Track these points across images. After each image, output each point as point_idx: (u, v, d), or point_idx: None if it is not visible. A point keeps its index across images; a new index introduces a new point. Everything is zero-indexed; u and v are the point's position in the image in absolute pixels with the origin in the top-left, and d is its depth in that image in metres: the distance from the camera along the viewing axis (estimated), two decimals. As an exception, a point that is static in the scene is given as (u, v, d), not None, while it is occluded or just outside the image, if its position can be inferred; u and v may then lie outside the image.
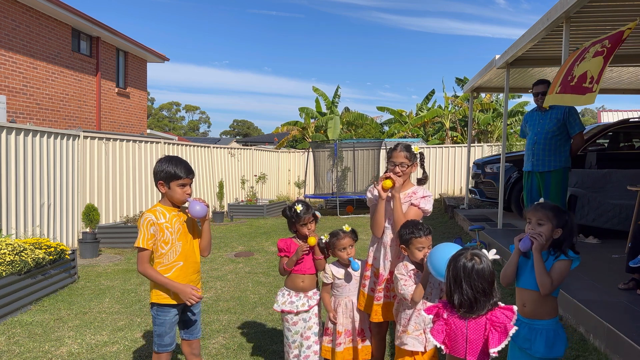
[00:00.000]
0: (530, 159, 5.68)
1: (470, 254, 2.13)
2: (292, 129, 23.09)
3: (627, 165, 7.42)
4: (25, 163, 7.17)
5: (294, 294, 3.26)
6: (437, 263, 2.60)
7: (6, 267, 4.85)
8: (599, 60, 4.05)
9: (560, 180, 5.49)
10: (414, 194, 3.12)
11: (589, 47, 4.35)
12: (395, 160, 3.10)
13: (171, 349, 2.92)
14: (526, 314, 2.48)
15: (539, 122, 5.65)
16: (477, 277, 2.08)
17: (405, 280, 2.86)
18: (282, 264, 3.27)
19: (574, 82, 4.30)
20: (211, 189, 12.88)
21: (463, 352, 2.12)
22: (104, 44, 15.57)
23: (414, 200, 3.09)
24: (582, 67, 4.26)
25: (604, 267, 5.08)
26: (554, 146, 5.50)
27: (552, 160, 5.49)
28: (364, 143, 15.11)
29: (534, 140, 5.63)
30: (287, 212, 3.27)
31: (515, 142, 16.91)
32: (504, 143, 8.32)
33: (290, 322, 3.23)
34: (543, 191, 5.55)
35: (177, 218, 2.86)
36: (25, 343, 4.12)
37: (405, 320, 2.90)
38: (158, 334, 2.88)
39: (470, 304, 2.08)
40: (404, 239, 2.89)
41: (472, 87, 10.78)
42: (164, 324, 2.86)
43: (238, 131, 72.84)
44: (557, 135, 5.50)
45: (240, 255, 7.70)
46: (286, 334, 3.28)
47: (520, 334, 2.42)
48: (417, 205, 3.08)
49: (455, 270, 2.12)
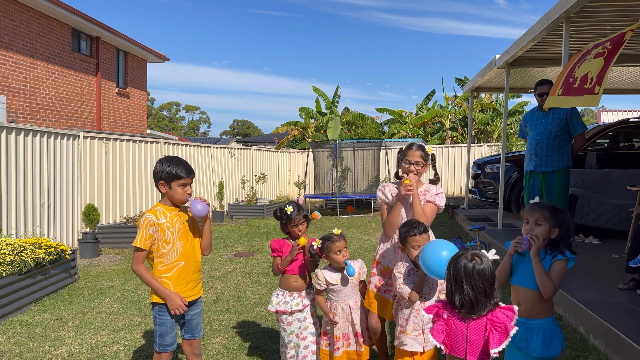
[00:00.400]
0: (533, 159, 5.65)
1: (471, 255, 2.13)
2: (292, 129, 23.10)
3: (627, 165, 7.43)
4: (25, 163, 7.17)
5: (287, 294, 3.27)
6: (427, 261, 2.62)
7: (6, 267, 4.85)
8: (599, 62, 4.05)
9: (562, 181, 5.48)
10: (427, 191, 3.23)
11: (591, 49, 4.35)
12: (410, 159, 3.19)
13: (172, 348, 2.92)
14: (521, 312, 2.45)
15: (541, 122, 5.63)
16: (478, 278, 2.08)
17: (403, 280, 2.89)
18: (275, 264, 3.29)
19: (576, 84, 4.31)
20: (211, 189, 12.88)
21: (463, 352, 2.11)
22: (104, 44, 15.57)
23: (430, 197, 3.21)
24: (584, 69, 4.27)
25: (604, 267, 5.08)
26: (557, 146, 5.49)
27: (555, 160, 5.47)
28: (364, 143, 15.11)
29: (537, 140, 5.60)
30: (277, 214, 3.32)
31: (515, 142, 16.91)
32: (504, 143, 8.32)
33: (285, 322, 3.25)
34: (546, 191, 5.53)
35: (177, 218, 2.87)
36: (25, 343, 4.12)
37: (404, 320, 2.91)
38: (159, 334, 2.88)
39: (471, 305, 2.08)
40: (400, 237, 2.95)
41: (472, 87, 10.79)
42: (165, 323, 2.86)
43: (238, 131, 72.85)
44: (560, 135, 5.48)
45: (240, 255, 7.70)
46: (282, 334, 3.28)
47: (517, 334, 2.41)
48: (433, 202, 3.20)
49: (456, 271, 2.12)
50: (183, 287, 2.87)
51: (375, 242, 8.60)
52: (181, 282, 2.85)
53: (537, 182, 5.65)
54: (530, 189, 5.74)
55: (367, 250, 7.86)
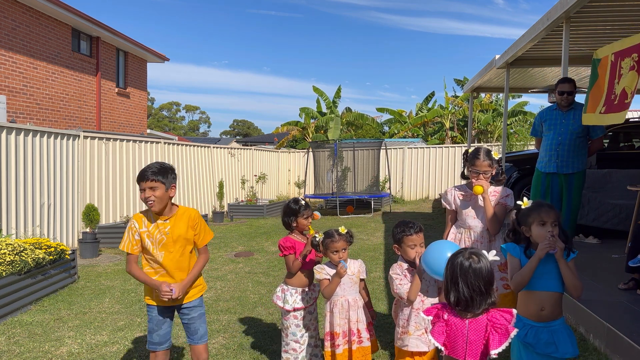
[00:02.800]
0: (554, 160, 5.43)
1: (468, 253, 2.14)
2: (292, 129, 23.10)
3: (627, 165, 7.42)
4: (25, 163, 7.17)
5: (300, 290, 3.33)
6: (431, 261, 2.60)
7: (6, 267, 4.85)
8: (633, 75, 4.09)
9: (582, 183, 5.41)
10: (496, 192, 3.48)
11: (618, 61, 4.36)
12: (479, 169, 3.39)
13: (161, 348, 2.94)
14: (544, 317, 2.41)
15: (561, 122, 5.43)
16: (473, 276, 2.07)
17: (400, 280, 2.89)
18: (291, 261, 3.30)
19: (617, 100, 4.35)
20: (211, 189, 12.88)
21: (462, 353, 2.11)
22: (104, 44, 15.57)
23: (501, 200, 3.45)
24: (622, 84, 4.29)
25: (604, 267, 5.08)
26: (578, 147, 5.35)
27: (576, 162, 5.35)
28: (364, 143, 15.10)
29: (559, 140, 5.40)
30: (292, 206, 3.36)
31: (515, 142, 16.92)
32: (504, 143, 8.32)
33: (299, 318, 3.31)
34: (566, 193, 5.36)
35: (158, 229, 2.85)
36: (25, 343, 4.12)
37: (404, 320, 2.90)
38: (148, 331, 2.98)
39: (466, 303, 2.08)
40: (396, 238, 2.98)
41: (472, 87, 10.79)
42: (151, 320, 2.95)
43: (238, 131, 72.84)
44: (581, 137, 5.34)
45: (240, 255, 7.70)
46: (294, 331, 3.31)
47: (542, 339, 2.37)
48: (505, 204, 3.44)
49: (452, 268, 2.13)
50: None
51: (376, 242, 8.60)
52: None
53: (557, 184, 5.47)
54: (546, 191, 5.52)
55: (367, 250, 7.86)
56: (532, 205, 2.51)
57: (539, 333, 2.38)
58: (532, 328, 2.41)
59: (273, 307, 4.99)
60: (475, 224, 3.47)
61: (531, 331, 2.41)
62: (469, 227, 3.49)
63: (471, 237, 3.46)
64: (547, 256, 2.39)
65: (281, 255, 3.33)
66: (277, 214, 13.17)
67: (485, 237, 3.45)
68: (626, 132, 8.71)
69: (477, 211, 3.46)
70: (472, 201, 3.49)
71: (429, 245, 2.73)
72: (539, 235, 2.42)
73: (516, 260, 2.49)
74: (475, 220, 3.47)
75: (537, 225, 2.44)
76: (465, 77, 22.41)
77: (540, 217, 2.43)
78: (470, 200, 3.50)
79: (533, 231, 2.46)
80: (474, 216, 3.47)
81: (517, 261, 2.49)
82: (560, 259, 2.36)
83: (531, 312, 2.43)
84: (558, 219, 2.42)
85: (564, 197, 5.41)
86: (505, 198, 3.45)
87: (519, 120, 21.52)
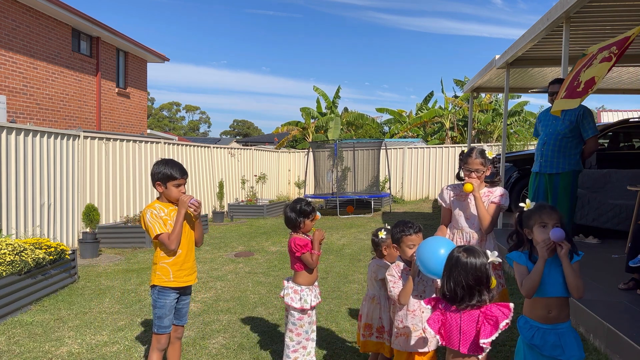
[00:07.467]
0: (539, 159, 5.49)
1: (465, 249, 2.19)
2: (293, 129, 23.11)
3: (627, 165, 7.43)
4: (25, 163, 7.17)
5: (311, 288, 3.37)
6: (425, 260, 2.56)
7: (6, 267, 4.85)
8: (604, 66, 4.07)
9: (568, 184, 5.25)
10: (490, 192, 3.42)
11: (597, 53, 4.36)
12: (470, 167, 3.37)
13: (169, 330, 3.17)
14: (551, 319, 2.38)
15: (551, 123, 5.42)
16: (461, 270, 2.14)
17: (395, 282, 2.86)
18: (309, 258, 3.32)
19: (580, 87, 4.31)
20: (211, 189, 12.88)
21: (457, 344, 2.16)
22: (104, 44, 15.57)
23: (494, 199, 3.39)
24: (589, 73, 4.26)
25: (604, 267, 5.08)
26: (564, 148, 5.27)
27: (561, 162, 5.26)
28: (364, 143, 15.10)
29: (544, 140, 5.43)
30: (305, 208, 3.36)
31: (515, 142, 16.92)
32: (504, 143, 8.33)
33: (312, 315, 3.36)
34: (550, 194, 5.34)
35: (174, 212, 3.13)
36: (25, 343, 4.13)
37: (399, 322, 2.90)
38: (158, 316, 3.11)
39: (450, 295, 2.16)
40: (395, 237, 2.96)
41: (472, 87, 10.79)
42: (164, 306, 3.10)
43: (238, 131, 72.83)
44: (568, 137, 5.25)
45: (240, 255, 7.70)
46: (307, 329, 3.33)
47: (548, 342, 2.35)
48: (498, 203, 3.37)
49: (447, 260, 2.23)
50: (181, 273, 3.13)
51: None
52: (179, 268, 3.13)
53: (542, 184, 5.48)
54: (535, 190, 5.59)
55: (367, 250, 7.85)
56: (533, 207, 2.47)
57: (546, 335, 2.35)
58: (539, 330, 2.38)
59: (273, 307, 4.99)
60: (465, 225, 3.44)
61: (538, 333, 2.38)
62: (460, 228, 3.46)
63: (463, 238, 3.43)
64: (551, 263, 2.36)
65: (298, 254, 3.31)
66: (277, 214, 13.17)
67: (476, 238, 3.40)
68: (626, 132, 8.72)
69: (469, 212, 3.43)
70: (464, 202, 3.45)
71: (422, 242, 2.71)
72: (538, 237, 2.40)
73: (523, 268, 2.44)
74: (467, 221, 3.44)
75: (539, 227, 2.40)
76: (465, 77, 22.42)
77: (541, 219, 2.39)
78: (463, 200, 3.47)
79: (535, 233, 2.42)
80: (465, 216, 3.44)
81: (524, 268, 2.43)
82: (564, 258, 2.33)
83: (538, 314, 2.40)
84: (560, 220, 2.38)
85: (549, 197, 5.30)
86: (500, 197, 3.39)
87: (519, 120, 21.54)
